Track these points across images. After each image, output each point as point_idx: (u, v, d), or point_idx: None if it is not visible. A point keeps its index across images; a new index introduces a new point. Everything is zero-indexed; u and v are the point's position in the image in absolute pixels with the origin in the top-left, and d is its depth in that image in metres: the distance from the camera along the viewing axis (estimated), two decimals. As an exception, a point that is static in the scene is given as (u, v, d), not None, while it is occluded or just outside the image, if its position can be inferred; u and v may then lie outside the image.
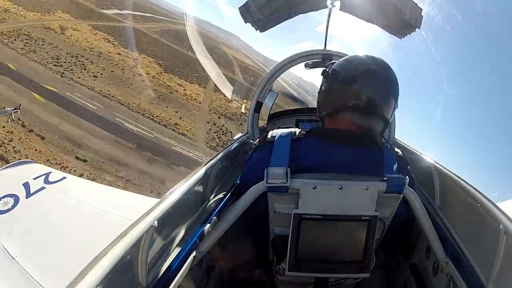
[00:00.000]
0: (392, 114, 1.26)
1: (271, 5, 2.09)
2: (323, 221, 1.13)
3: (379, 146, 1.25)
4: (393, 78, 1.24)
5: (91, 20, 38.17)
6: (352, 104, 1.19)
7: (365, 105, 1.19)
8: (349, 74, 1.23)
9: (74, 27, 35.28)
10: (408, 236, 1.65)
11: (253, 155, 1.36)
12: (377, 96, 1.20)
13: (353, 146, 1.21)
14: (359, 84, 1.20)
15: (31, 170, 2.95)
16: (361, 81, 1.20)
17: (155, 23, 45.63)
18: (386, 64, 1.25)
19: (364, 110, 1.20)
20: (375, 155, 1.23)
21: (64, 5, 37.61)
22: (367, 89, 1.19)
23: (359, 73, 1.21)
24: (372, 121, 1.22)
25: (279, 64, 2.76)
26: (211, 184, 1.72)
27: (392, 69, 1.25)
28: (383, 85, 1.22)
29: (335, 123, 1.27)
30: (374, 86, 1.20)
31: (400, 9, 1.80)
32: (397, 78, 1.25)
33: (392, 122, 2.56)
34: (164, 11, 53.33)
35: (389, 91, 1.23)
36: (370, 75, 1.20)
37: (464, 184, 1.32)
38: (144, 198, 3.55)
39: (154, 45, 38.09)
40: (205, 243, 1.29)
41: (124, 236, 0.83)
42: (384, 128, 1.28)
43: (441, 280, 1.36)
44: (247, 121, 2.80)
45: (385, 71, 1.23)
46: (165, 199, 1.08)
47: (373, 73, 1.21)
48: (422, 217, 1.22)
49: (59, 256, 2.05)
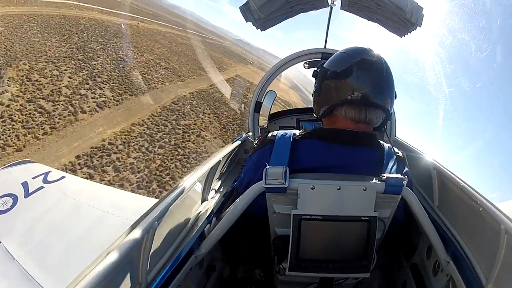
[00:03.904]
0: (391, 104, 1.23)
1: (271, 4, 2.08)
2: (323, 222, 1.12)
3: (379, 145, 1.24)
4: (387, 66, 1.21)
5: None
6: (346, 99, 1.18)
7: (361, 98, 1.16)
8: (338, 69, 1.21)
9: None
10: (409, 236, 1.65)
11: (254, 155, 1.35)
12: (372, 87, 1.17)
13: (352, 145, 1.19)
14: (350, 78, 1.17)
15: (30, 169, 2.94)
16: (352, 74, 1.17)
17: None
18: (377, 52, 1.22)
19: (360, 103, 1.18)
20: (375, 155, 1.22)
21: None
22: (359, 81, 1.17)
23: (347, 67, 1.19)
24: (371, 113, 1.19)
25: (278, 63, 2.76)
26: (211, 183, 1.72)
27: (383, 57, 1.22)
28: (376, 74, 1.19)
29: (333, 122, 1.25)
30: (367, 77, 1.18)
31: (401, 7, 1.79)
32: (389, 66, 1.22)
33: (393, 120, 2.55)
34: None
35: (384, 80, 1.20)
36: (361, 66, 1.18)
37: (463, 185, 1.32)
38: (144, 198, 3.55)
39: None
40: (205, 243, 1.29)
41: (125, 237, 0.82)
42: (385, 119, 1.26)
43: (440, 280, 1.36)
44: (248, 121, 2.80)
45: (376, 59, 1.20)
46: (165, 199, 1.07)
47: (364, 63, 1.18)
48: (421, 217, 1.22)
49: (58, 256, 2.04)
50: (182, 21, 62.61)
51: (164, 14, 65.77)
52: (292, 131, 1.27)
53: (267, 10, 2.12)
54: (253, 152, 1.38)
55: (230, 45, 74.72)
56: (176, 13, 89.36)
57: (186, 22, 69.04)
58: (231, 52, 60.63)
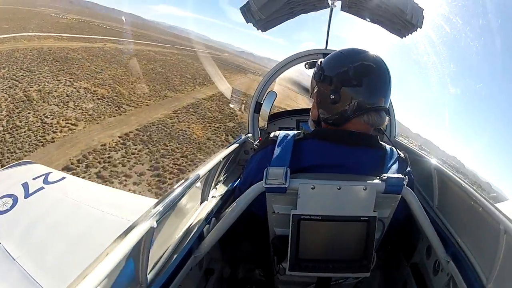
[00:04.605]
0: (389, 101, 1.24)
1: (272, 5, 2.08)
2: (322, 222, 1.12)
3: (381, 147, 1.24)
4: (387, 68, 1.20)
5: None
6: (356, 107, 1.16)
7: (367, 105, 1.16)
8: (343, 76, 1.18)
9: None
10: (409, 236, 1.65)
11: (256, 156, 1.35)
12: (376, 93, 1.17)
13: (355, 146, 1.19)
14: (354, 86, 1.16)
15: (31, 170, 2.94)
16: (355, 81, 1.15)
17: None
18: (375, 54, 1.20)
19: (368, 109, 1.17)
20: (376, 155, 1.22)
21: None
22: (366, 90, 1.16)
23: (353, 73, 1.16)
24: (375, 116, 1.19)
25: (279, 64, 2.76)
26: (211, 184, 1.72)
27: (381, 58, 1.20)
28: (380, 79, 1.19)
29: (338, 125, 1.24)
30: (373, 85, 1.17)
31: (401, 9, 1.80)
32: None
33: (393, 122, 2.56)
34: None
35: (387, 83, 1.20)
36: (363, 72, 1.16)
37: (463, 185, 1.32)
38: (144, 199, 3.55)
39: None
40: (204, 243, 1.29)
41: (124, 237, 0.82)
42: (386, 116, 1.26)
43: (441, 280, 1.36)
44: (247, 121, 2.80)
45: (378, 63, 1.19)
46: (165, 200, 1.07)
47: (367, 69, 1.17)
48: (421, 217, 1.22)
49: (58, 257, 2.04)
50: (177, 40, 61.21)
51: (151, 33, 64.39)
52: (293, 131, 1.27)
53: (268, 11, 2.12)
54: (255, 153, 1.38)
55: (229, 57, 74.16)
56: (174, 33, 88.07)
57: (179, 39, 68.41)
58: (230, 63, 60.06)
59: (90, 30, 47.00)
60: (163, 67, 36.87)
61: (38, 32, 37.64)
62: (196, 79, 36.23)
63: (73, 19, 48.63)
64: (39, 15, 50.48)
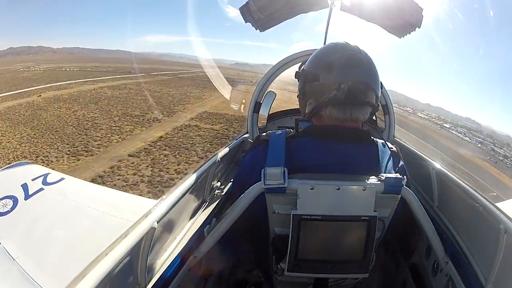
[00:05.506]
0: (377, 97, 1.20)
1: (271, 5, 2.09)
2: (323, 222, 1.12)
3: (372, 141, 1.23)
4: (368, 58, 1.18)
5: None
6: (329, 100, 1.15)
7: (343, 97, 1.13)
8: (317, 70, 1.20)
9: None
10: (408, 236, 1.65)
11: (247, 156, 1.34)
12: (353, 84, 1.13)
13: (347, 142, 1.18)
14: (329, 77, 1.15)
15: (29, 171, 2.93)
16: (332, 73, 1.15)
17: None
18: (355, 46, 1.19)
19: (343, 102, 1.15)
20: (370, 151, 1.21)
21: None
22: (339, 79, 1.13)
23: (326, 66, 1.17)
24: (356, 111, 1.17)
25: (277, 64, 2.76)
26: (210, 184, 1.72)
27: (363, 50, 1.19)
28: (357, 69, 1.16)
29: (321, 121, 1.23)
30: (347, 74, 1.14)
31: (400, 8, 1.80)
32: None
33: (392, 121, 2.55)
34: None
35: (366, 73, 1.17)
36: (340, 64, 1.15)
37: (462, 184, 1.32)
38: (143, 199, 3.54)
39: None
40: (204, 244, 1.29)
41: (124, 238, 0.82)
42: (372, 112, 1.23)
43: (440, 281, 1.36)
44: (246, 121, 2.80)
45: (356, 54, 1.17)
46: (164, 201, 1.07)
47: (343, 60, 1.15)
48: (421, 217, 1.22)
49: (59, 258, 2.03)
50: (157, 66, 58.94)
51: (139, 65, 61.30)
52: (285, 130, 1.27)
53: (267, 10, 2.12)
54: (246, 152, 1.37)
55: (222, 71, 73.70)
56: (165, 60, 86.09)
57: (158, 64, 67.48)
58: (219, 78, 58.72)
59: (47, 79, 43.13)
60: (101, 109, 31.06)
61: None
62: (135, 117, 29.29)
63: (41, 69, 45.85)
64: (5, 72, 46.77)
